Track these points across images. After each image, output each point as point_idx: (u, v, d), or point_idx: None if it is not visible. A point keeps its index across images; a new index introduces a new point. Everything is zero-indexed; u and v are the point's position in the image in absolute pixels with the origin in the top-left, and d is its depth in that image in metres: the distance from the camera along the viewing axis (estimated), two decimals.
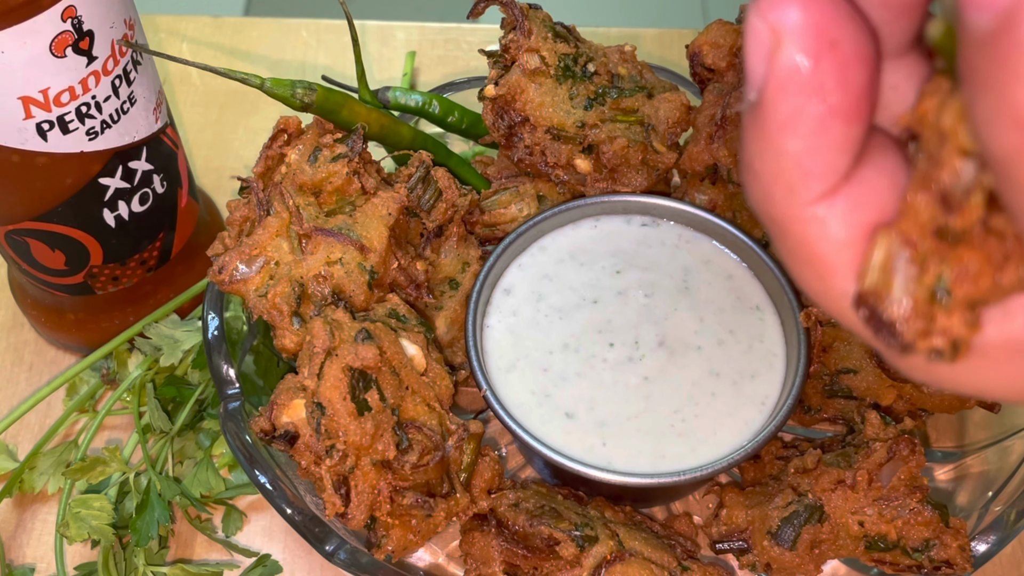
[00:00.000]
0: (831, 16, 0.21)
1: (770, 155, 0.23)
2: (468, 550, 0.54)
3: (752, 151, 0.24)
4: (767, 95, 0.22)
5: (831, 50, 0.21)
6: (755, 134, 0.23)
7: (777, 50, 0.22)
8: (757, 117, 0.23)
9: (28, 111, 0.53)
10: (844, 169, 0.23)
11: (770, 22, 0.22)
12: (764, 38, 0.22)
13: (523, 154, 0.61)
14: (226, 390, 0.58)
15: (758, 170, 0.24)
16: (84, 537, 0.61)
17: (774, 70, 0.22)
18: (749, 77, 0.23)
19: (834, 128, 0.22)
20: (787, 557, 0.52)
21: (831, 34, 0.21)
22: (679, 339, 0.58)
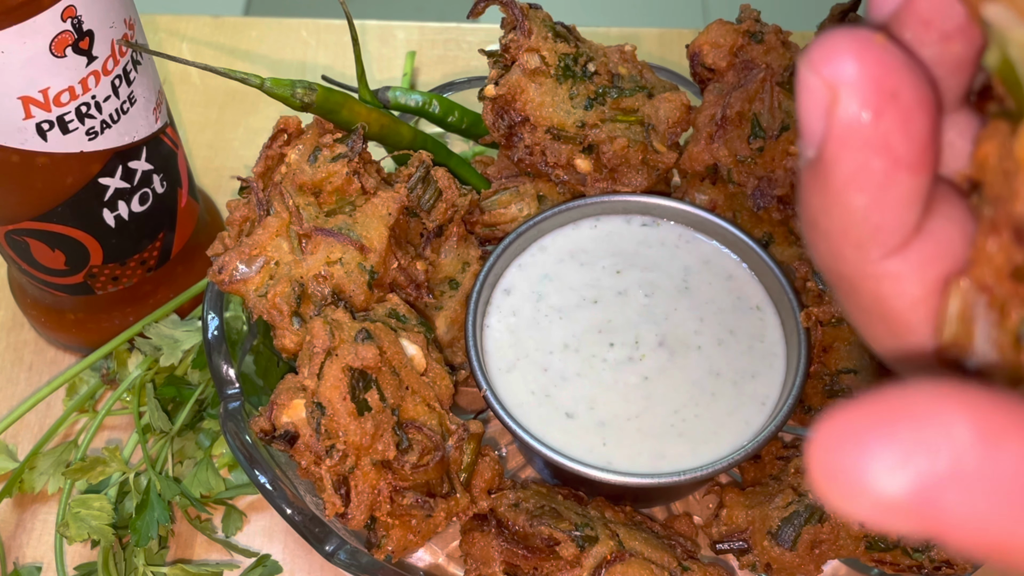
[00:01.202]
0: (888, 66, 0.20)
1: (836, 212, 0.22)
2: (468, 550, 0.54)
3: (815, 208, 0.22)
4: (828, 152, 0.21)
5: (892, 102, 0.20)
6: (818, 191, 0.22)
7: (835, 105, 0.20)
8: (818, 174, 0.22)
9: (28, 111, 0.53)
10: (914, 222, 0.22)
11: (825, 77, 0.21)
12: (819, 94, 0.21)
13: (523, 154, 0.61)
14: (226, 390, 0.58)
15: (824, 228, 0.22)
16: (84, 537, 0.61)
17: (834, 126, 0.21)
18: (805, 134, 0.21)
19: (901, 181, 0.21)
20: (787, 557, 0.52)
21: (890, 85, 0.20)
22: (679, 339, 0.58)
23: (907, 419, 0.17)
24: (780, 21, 0.64)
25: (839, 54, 0.20)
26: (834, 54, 0.20)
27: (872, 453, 0.17)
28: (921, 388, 0.18)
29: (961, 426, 0.17)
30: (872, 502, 0.17)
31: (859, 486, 0.17)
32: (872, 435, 0.17)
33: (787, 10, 0.98)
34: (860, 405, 0.18)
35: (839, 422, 0.18)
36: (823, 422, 0.18)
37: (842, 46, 0.20)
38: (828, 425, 0.18)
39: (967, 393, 0.18)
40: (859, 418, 0.18)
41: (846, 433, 0.18)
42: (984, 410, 0.17)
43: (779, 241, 0.63)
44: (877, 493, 0.17)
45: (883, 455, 0.17)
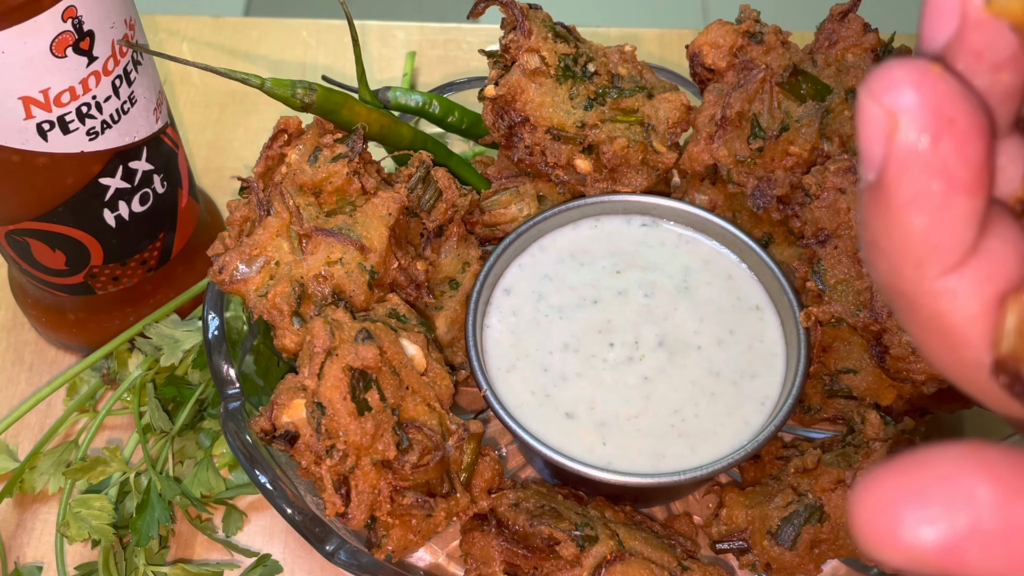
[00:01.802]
0: (945, 94, 0.22)
1: (896, 233, 0.23)
2: (468, 550, 0.54)
3: (876, 230, 0.24)
4: (888, 176, 0.22)
5: (950, 127, 0.22)
6: (878, 213, 0.23)
7: (895, 132, 0.22)
8: (879, 197, 0.23)
9: (28, 111, 0.53)
10: (970, 241, 0.23)
11: (885, 104, 0.22)
12: (880, 120, 0.22)
13: (523, 154, 0.61)
14: (226, 390, 0.58)
15: (884, 248, 0.24)
16: (84, 537, 0.61)
17: (894, 151, 0.22)
18: (866, 159, 0.23)
19: (958, 202, 0.22)
20: (787, 557, 0.52)
21: (948, 112, 0.22)
22: (679, 339, 0.58)
23: (935, 483, 0.20)
24: (780, 21, 0.64)
25: (898, 83, 0.22)
26: (893, 83, 0.22)
27: (906, 514, 0.20)
28: (948, 452, 0.20)
29: (982, 488, 0.20)
30: (906, 556, 0.20)
31: (895, 542, 0.20)
32: (906, 497, 0.20)
33: (787, 10, 0.98)
34: (895, 469, 0.21)
35: (879, 485, 0.21)
36: (865, 484, 0.21)
37: (901, 76, 0.22)
38: (869, 487, 0.21)
39: (987, 455, 0.20)
40: (895, 481, 0.21)
41: (884, 495, 0.21)
42: (1002, 472, 0.20)
43: (779, 241, 0.63)
44: (910, 548, 0.20)
45: (914, 516, 0.20)
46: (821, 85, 0.60)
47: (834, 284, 0.57)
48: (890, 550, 0.20)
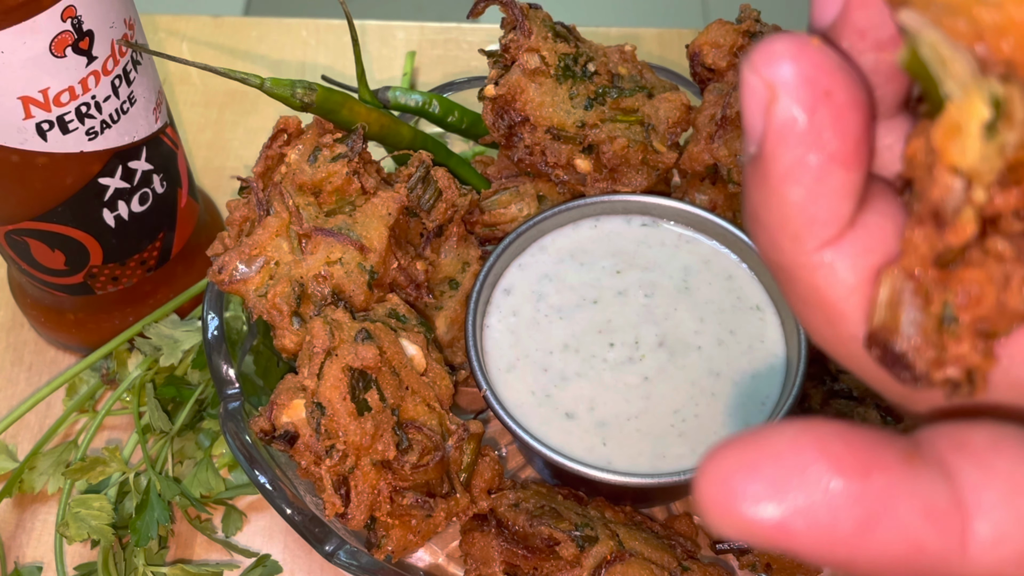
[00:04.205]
0: (823, 67, 0.22)
1: (774, 205, 0.23)
2: (468, 550, 0.54)
3: (756, 202, 0.24)
4: (767, 148, 0.23)
5: (826, 99, 0.22)
6: (757, 185, 0.23)
7: (773, 104, 0.22)
8: (758, 169, 0.23)
9: (28, 111, 0.53)
10: (848, 215, 0.23)
11: (764, 77, 0.22)
12: (760, 93, 0.22)
13: (523, 154, 0.61)
14: (226, 390, 0.58)
15: (763, 220, 0.24)
16: (84, 537, 0.61)
17: (772, 123, 0.22)
18: (748, 131, 0.23)
19: (835, 175, 0.22)
20: (787, 557, 0.52)
21: (824, 85, 0.22)
22: (679, 339, 0.58)
23: (770, 459, 0.21)
24: (780, 21, 0.64)
25: (777, 56, 0.22)
26: (773, 56, 0.22)
27: (741, 489, 0.21)
28: (785, 431, 0.21)
29: (814, 465, 0.21)
30: (741, 527, 0.21)
31: (730, 516, 0.21)
32: (742, 474, 0.21)
33: (787, 10, 0.98)
34: (735, 446, 0.21)
35: (719, 460, 0.21)
36: (708, 458, 0.22)
37: (780, 49, 0.22)
38: (711, 462, 0.21)
39: (822, 431, 0.21)
40: (734, 458, 0.21)
41: (723, 470, 0.21)
42: (833, 450, 0.21)
43: None
44: (745, 521, 0.21)
45: (749, 491, 0.21)
46: None
47: None
48: (726, 523, 0.21)
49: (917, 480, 0.21)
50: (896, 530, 0.20)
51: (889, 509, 0.20)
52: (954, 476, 0.21)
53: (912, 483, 0.21)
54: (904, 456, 0.21)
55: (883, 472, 0.21)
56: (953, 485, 0.21)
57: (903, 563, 0.21)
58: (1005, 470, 0.21)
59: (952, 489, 0.21)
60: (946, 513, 0.21)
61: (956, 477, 0.21)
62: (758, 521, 0.21)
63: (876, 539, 0.21)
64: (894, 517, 0.20)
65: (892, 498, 0.21)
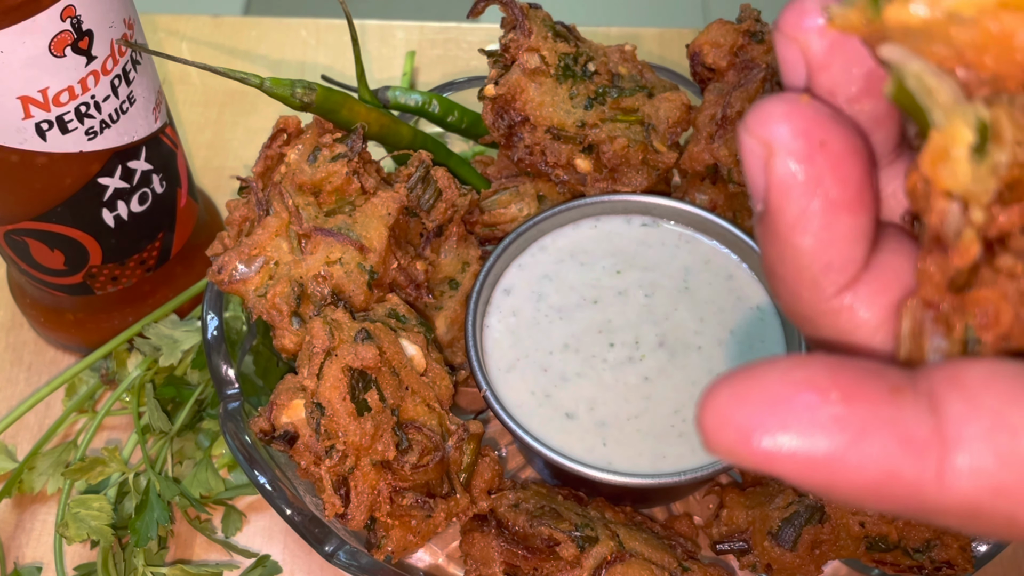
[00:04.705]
0: (815, 120, 0.23)
1: (788, 257, 0.24)
2: (468, 551, 0.54)
3: (771, 257, 0.25)
4: (771, 203, 0.24)
5: (822, 149, 0.23)
6: (769, 240, 0.25)
7: (771, 159, 0.23)
8: (768, 225, 0.24)
9: (27, 111, 0.53)
10: (861, 258, 0.24)
11: (760, 136, 0.23)
12: (757, 152, 0.24)
13: (523, 154, 0.61)
14: (225, 390, 0.58)
15: (780, 274, 0.25)
16: (83, 537, 0.61)
17: (773, 178, 0.23)
18: (752, 191, 0.24)
19: (842, 220, 0.23)
20: (788, 558, 0.52)
21: (818, 136, 0.23)
22: (679, 339, 0.58)
23: (759, 391, 0.22)
24: None
25: (770, 115, 0.23)
26: (766, 116, 0.23)
27: (733, 419, 0.22)
28: (777, 365, 0.22)
29: (799, 396, 0.22)
30: (732, 453, 0.22)
31: (723, 442, 0.22)
32: (734, 405, 0.22)
33: None
34: (730, 379, 0.23)
35: (715, 392, 0.23)
36: (707, 390, 0.23)
37: (772, 108, 0.23)
38: (709, 393, 0.23)
39: (811, 366, 0.22)
40: (728, 390, 0.22)
41: (718, 402, 0.22)
42: (818, 381, 0.22)
43: None
44: (734, 448, 0.22)
45: (740, 421, 0.22)
46: None
47: None
48: (720, 450, 0.22)
49: (899, 410, 0.21)
50: (871, 456, 0.21)
51: (865, 436, 0.21)
52: (940, 409, 0.21)
53: (893, 412, 0.21)
54: (891, 387, 0.22)
55: (864, 401, 0.22)
56: (937, 417, 0.21)
57: (879, 489, 0.22)
58: (991, 406, 0.21)
59: (936, 421, 0.21)
60: (924, 444, 0.21)
61: (942, 410, 0.21)
62: (746, 448, 0.22)
63: (851, 465, 0.21)
64: (870, 444, 0.21)
65: (870, 425, 0.21)
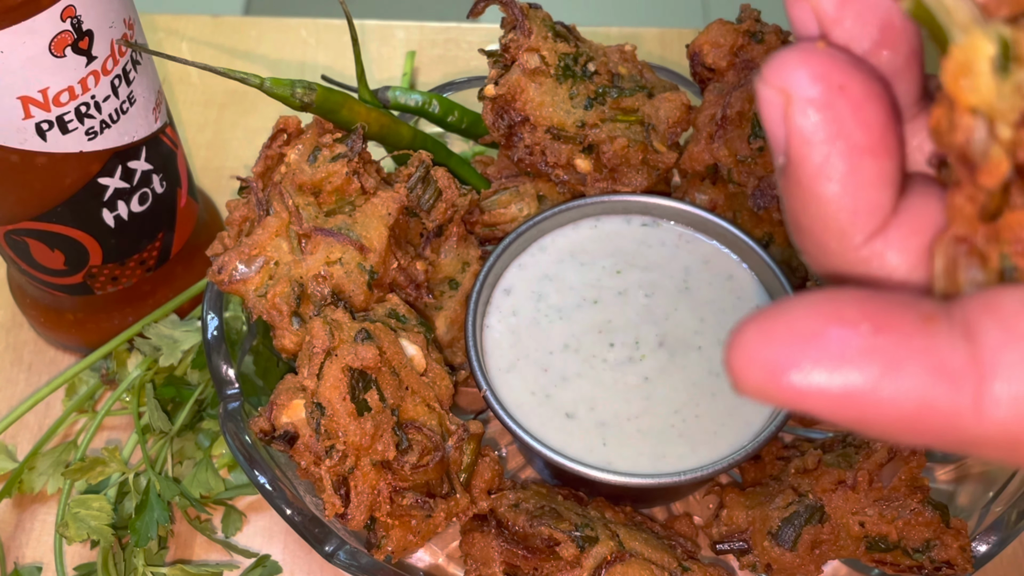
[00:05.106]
0: (833, 65, 0.22)
1: (813, 207, 0.23)
2: (468, 551, 0.54)
3: (795, 210, 0.24)
4: (793, 152, 0.23)
5: (841, 93, 0.22)
6: (793, 193, 0.24)
7: (790, 107, 0.22)
8: (791, 177, 0.23)
9: (27, 111, 0.53)
10: (888, 203, 0.23)
11: (776, 84, 0.22)
12: (775, 101, 0.23)
13: (523, 154, 0.61)
14: (225, 390, 0.58)
15: (806, 226, 0.24)
16: (83, 537, 0.61)
17: (793, 127, 0.22)
18: (772, 143, 0.23)
19: (866, 165, 0.23)
20: (788, 557, 0.52)
21: (837, 80, 0.22)
22: (679, 339, 0.58)
23: (787, 327, 0.22)
24: (780, 21, 0.64)
25: (786, 63, 0.22)
26: (782, 64, 0.22)
27: (762, 357, 0.22)
28: (804, 300, 0.22)
29: (827, 330, 0.21)
30: (763, 392, 0.22)
31: (754, 381, 0.22)
32: (762, 343, 0.22)
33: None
34: (758, 318, 0.22)
35: (743, 332, 0.22)
36: (735, 331, 0.23)
37: (788, 56, 0.22)
38: (737, 334, 0.22)
39: (838, 300, 0.22)
40: (756, 329, 0.22)
41: (746, 341, 0.22)
42: (846, 314, 0.21)
43: (779, 241, 0.63)
44: (765, 386, 0.22)
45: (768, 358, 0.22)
46: None
47: None
48: (750, 390, 0.22)
49: (932, 339, 0.21)
50: (905, 388, 0.21)
51: (898, 367, 0.21)
52: (976, 337, 0.21)
53: (926, 341, 0.21)
54: (923, 317, 0.21)
55: (895, 332, 0.21)
56: (974, 346, 0.21)
57: (913, 422, 0.21)
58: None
59: (972, 349, 0.21)
60: (960, 372, 0.20)
61: (977, 338, 0.21)
62: (776, 385, 0.21)
63: (885, 397, 0.21)
64: (903, 375, 0.21)
65: (902, 356, 0.21)
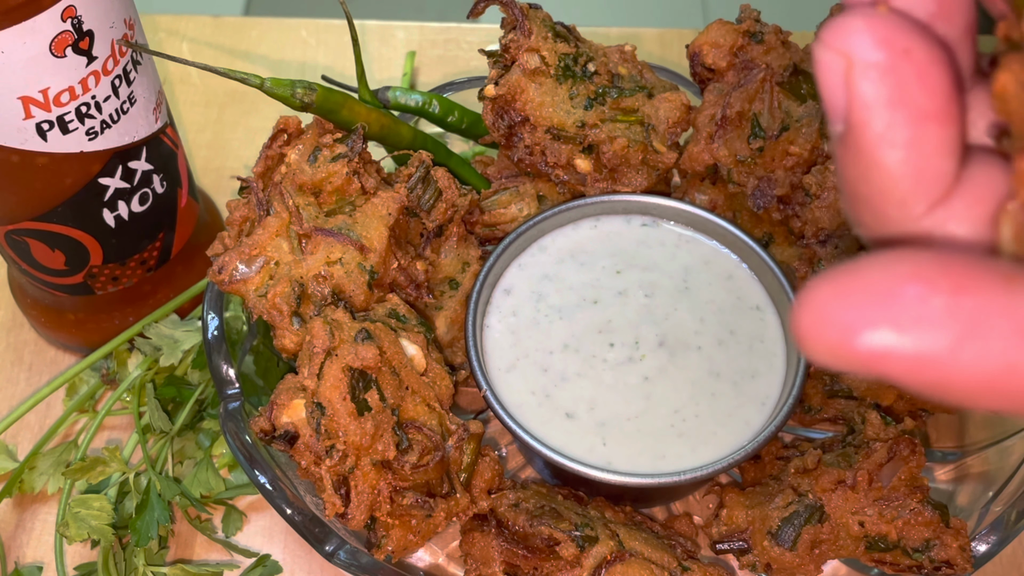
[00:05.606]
0: (897, 28, 0.21)
1: (874, 175, 0.23)
2: (468, 550, 0.54)
3: (853, 178, 0.23)
4: (855, 117, 0.22)
5: (906, 57, 0.21)
6: (852, 160, 0.23)
7: (852, 72, 0.22)
8: (849, 144, 0.23)
9: (28, 111, 0.53)
10: (951, 171, 0.23)
11: (838, 48, 0.22)
12: (836, 66, 0.22)
13: (523, 154, 0.61)
14: (226, 390, 0.58)
15: (864, 195, 0.23)
16: (84, 537, 0.61)
17: (855, 91, 0.22)
18: (831, 110, 0.23)
19: (931, 132, 0.22)
20: (787, 557, 0.52)
21: (901, 43, 0.21)
22: (679, 339, 0.58)
23: (864, 287, 0.21)
24: (780, 21, 0.64)
25: (849, 27, 0.22)
26: (843, 28, 0.22)
27: (837, 318, 0.21)
28: (879, 260, 0.21)
29: (906, 289, 0.20)
30: (837, 355, 0.21)
31: (827, 343, 0.21)
32: (836, 303, 0.21)
33: (787, 10, 0.98)
34: (831, 278, 0.21)
35: (815, 292, 0.21)
36: (805, 291, 0.22)
37: (849, 20, 0.22)
38: (807, 294, 0.22)
39: (917, 259, 0.21)
40: (829, 289, 0.21)
41: (819, 301, 0.21)
42: (926, 273, 0.21)
43: (779, 241, 0.63)
44: (839, 348, 0.21)
45: (844, 319, 0.21)
46: None
47: None
48: (822, 352, 0.21)
49: (1015, 298, 0.20)
50: (988, 350, 0.20)
51: (980, 328, 0.20)
52: None
53: (1008, 301, 0.20)
54: (1004, 277, 0.20)
55: (976, 291, 0.20)
56: None
57: (996, 385, 0.20)
58: None
59: None
60: None
61: None
62: (849, 347, 0.21)
63: (966, 360, 0.20)
64: (986, 336, 0.20)
65: (985, 317, 0.20)
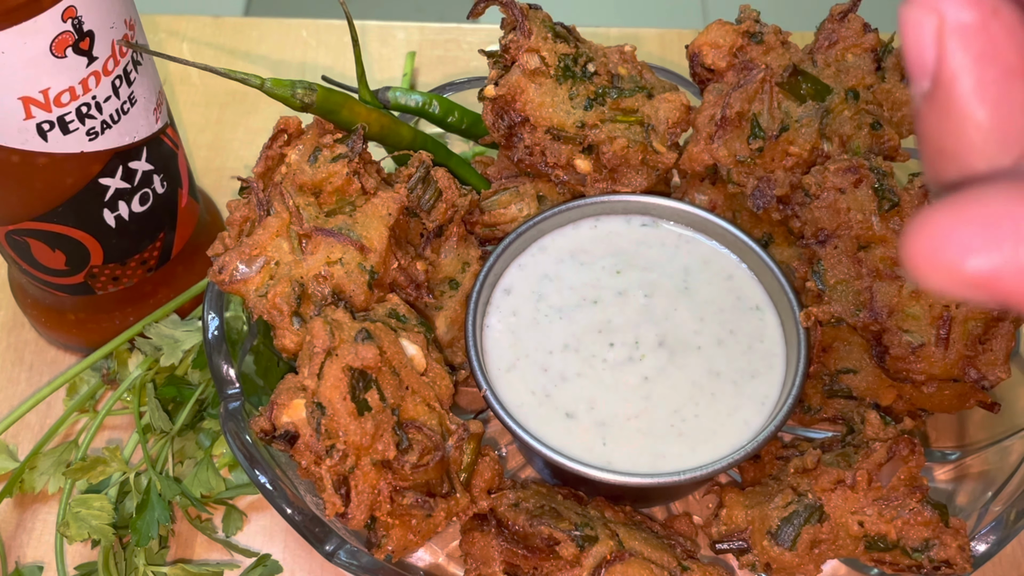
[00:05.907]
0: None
1: (963, 132, 0.23)
2: (468, 550, 0.54)
3: (941, 135, 0.24)
4: (944, 74, 0.22)
5: (996, 16, 0.22)
6: (939, 118, 0.23)
7: (943, 29, 0.22)
8: (937, 100, 0.23)
9: (28, 111, 0.53)
10: None
11: (929, 6, 0.22)
12: (926, 24, 0.22)
13: (523, 154, 0.61)
14: (226, 390, 0.58)
15: (951, 151, 0.24)
16: (84, 537, 0.61)
17: (946, 48, 0.22)
18: (916, 68, 0.23)
19: (1019, 88, 0.22)
20: (787, 557, 0.52)
21: (990, 3, 0.22)
22: (679, 339, 0.58)
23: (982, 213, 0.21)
24: (780, 21, 0.64)
25: None
26: None
27: (954, 242, 0.21)
28: (996, 186, 0.21)
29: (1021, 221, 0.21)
30: (953, 279, 0.21)
31: (943, 267, 0.21)
32: (954, 228, 0.21)
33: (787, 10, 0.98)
34: (946, 204, 0.22)
35: (930, 218, 0.22)
36: (919, 219, 0.22)
37: None
38: (922, 220, 0.22)
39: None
40: (946, 215, 0.21)
41: (935, 227, 0.22)
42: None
43: (779, 241, 0.63)
44: (956, 272, 0.21)
45: (962, 244, 0.21)
46: (821, 85, 0.60)
47: (834, 284, 0.57)
48: (938, 277, 0.21)
49: None
50: None
51: None
52: None
53: None
54: None
55: None
56: None
57: None
58: None
59: None
60: None
61: None
62: (970, 271, 0.21)
63: None
64: None
65: None
